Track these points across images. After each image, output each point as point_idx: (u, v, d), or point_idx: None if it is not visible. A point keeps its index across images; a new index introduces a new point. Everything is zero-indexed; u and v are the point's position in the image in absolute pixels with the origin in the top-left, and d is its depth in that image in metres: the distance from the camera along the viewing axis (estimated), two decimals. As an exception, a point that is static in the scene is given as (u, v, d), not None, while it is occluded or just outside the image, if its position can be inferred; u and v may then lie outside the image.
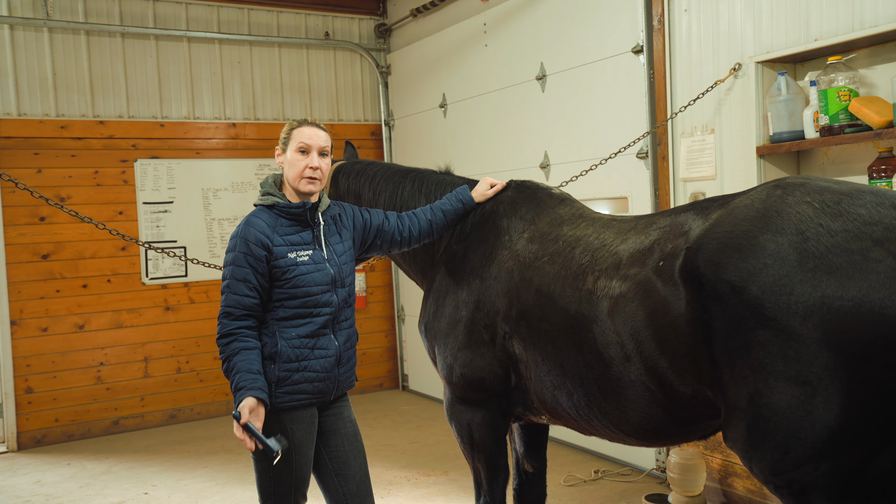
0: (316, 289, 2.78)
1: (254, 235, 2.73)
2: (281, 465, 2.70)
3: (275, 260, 2.74)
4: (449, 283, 3.16)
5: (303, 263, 2.78)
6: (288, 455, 2.72)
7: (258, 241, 2.72)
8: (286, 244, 2.78)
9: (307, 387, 2.77)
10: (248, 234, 2.74)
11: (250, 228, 2.75)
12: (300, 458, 2.78)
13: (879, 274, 1.89)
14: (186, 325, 6.84)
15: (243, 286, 2.70)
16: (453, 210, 3.23)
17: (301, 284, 2.75)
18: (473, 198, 3.24)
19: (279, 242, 2.76)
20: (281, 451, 2.59)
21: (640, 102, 4.76)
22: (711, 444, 4.35)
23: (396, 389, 7.77)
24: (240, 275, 2.70)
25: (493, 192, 3.24)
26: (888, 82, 3.45)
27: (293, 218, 2.83)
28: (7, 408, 6.14)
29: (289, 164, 2.82)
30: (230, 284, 2.71)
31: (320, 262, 2.82)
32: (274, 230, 2.78)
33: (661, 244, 2.40)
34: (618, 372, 2.46)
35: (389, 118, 7.72)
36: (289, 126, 2.88)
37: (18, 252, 6.19)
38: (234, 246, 2.75)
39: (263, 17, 7.22)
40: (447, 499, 4.63)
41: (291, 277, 2.74)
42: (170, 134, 6.79)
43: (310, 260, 2.80)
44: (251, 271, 2.70)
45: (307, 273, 2.77)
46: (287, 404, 2.74)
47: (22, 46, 6.21)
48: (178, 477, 5.28)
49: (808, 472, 1.99)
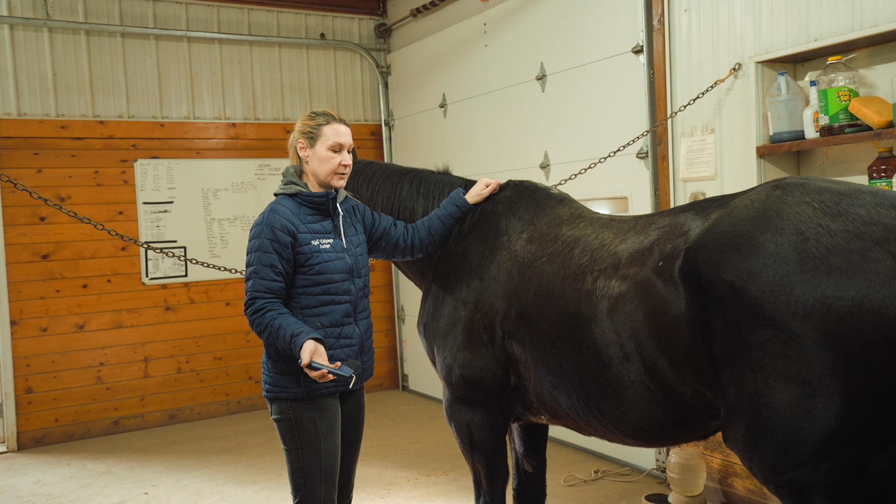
0: (337, 276, 2.86)
1: (279, 222, 2.79)
2: (309, 453, 2.81)
3: (299, 246, 2.81)
4: (448, 284, 3.15)
5: (325, 251, 2.86)
6: (316, 443, 2.82)
7: (284, 228, 2.79)
8: (309, 232, 2.85)
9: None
10: (273, 221, 2.80)
11: (275, 215, 2.81)
12: (328, 444, 2.85)
13: (879, 274, 1.89)
14: (186, 325, 6.84)
15: (270, 271, 2.76)
16: (449, 214, 3.24)
17: (324, 271, 2.83)
18: (468, 200, 3.24)
19: (303, 230, 2.84)
20: (354, 375, 2.64)
21: (639, 102, 4.76)
22: (711, 444, 4.35)
23: (396, 389, 7.77)
24: (266, 260, 2.76)
25: (488, 192, 3.25)
26: (888, 82, 3.44)
27: (316, 207, 2.90)
28: (7, 408, 6.14)
29: (319, 159, 2.89)
30: (257, 270, 2.76)
31: (340, 252, 2.90)
32: (297, 217, 2.85)
33: (661, 244, 2.40)
34: (617, 372, 2.45)
35: (389, 118, 7.72)
36: (312, 119, 2.92)
37: (18, 252, 6.19)
38: (259, 233, 2.80)
39: (263, 17, 7.22)
40: (447, 499, 4.63)
41: (315, 264, 2.82)
42: (170, 134, 6.79)
43: (331, 248, 2.88)
44: (277, 257, 2.77)
45: (329, 261, 2.85)
46: (315, 392, 2.82)
47: (22, 46, 6.21)
48: (178, 477, 5.28)
49: (807, 472, 1.99)
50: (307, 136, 2.91)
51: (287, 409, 2.85)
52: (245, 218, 7.06)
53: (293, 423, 2.84)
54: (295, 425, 2.84)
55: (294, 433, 2.84)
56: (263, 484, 5.05)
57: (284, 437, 2.88)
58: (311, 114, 2.95)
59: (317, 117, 2.92)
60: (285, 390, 2.84)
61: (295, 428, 2.84)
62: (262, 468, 5.38)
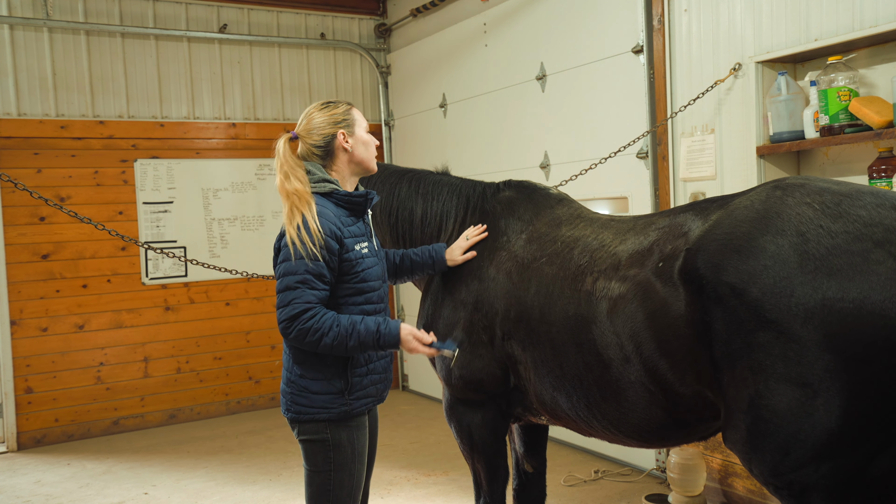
0: (376, 283, 2.66)
1: (326, 227, 2.50)
2: (342, 475, 2.59)
3: (346, 253, 2.55)
4: (447, 284, 3.15)
5: (367, 256, 2.62)
6: (351, 464, 2.61)
7: (332, 234, 2.51)
8: (352, 236, 2.60)
9: (372, 389, 2.67)
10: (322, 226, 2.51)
11: (322, 220, 2.51)
12: (360, 465, 2.65)
13: (880, 276, 1.89)
14: (186, 326, 6.84)
15: (319, 282, 2.49)
16: (421, 261, 3.10)
17: (367, 279, 2.61)
18: (445, 258, 3.10)
19: (347, 234, 2.57)
20: (457, 350, 2.61)
21: (639, 102, 4.76)
22: (711, 444, 4.35)
23: (396, 389, 7.77)
24: (315, 269, 2.47)
25: (462, 260, 3.09)
26: (888, 82, 3.44)
27: (352, 207, 2.64)
28: (7, 408, 6.14)
29: (363, 143, 2.67)
30: (306, 280, 2.46)
31: (375, 255, 2.69)
32: (339, 220, 2.57)
33: (661, 245, 2.40)
34: (617, 373, 2.45)
35: (389, 118, 7.71)
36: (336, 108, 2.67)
37: (18, 252, 6.19)
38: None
39: (263, 17, 7.22)
40: (447, 499, 4.63)
41: (360, 271, 2.58)
42: (170, 134, 6.79)
43: (370, 252, 2.65)
44: (326, 266, 2.50)
45: (371, 267, 2.63)
46: (358, 410, 2.62)
47: (22, 46, 6.20)
48: (178, 477, 5.28)
49: (808, 474, 1.99)
50: (345, 125, 2.64)
51: (324, 429, 2.59)
52: (245, 218, 7.06)
53: (330, 444, 2.58)
54: (332, 446, 2.58)
55: (329, 454, 2.59)
56: (263, 484, 5.05)
57: (315, 459, 2.60)
58: (326, 103, 2.68)
59: (338, 104, 2.67)
60: (326, 410, 2.57)
61: (331, 449, 2.59)
62: (262, 468, 5.38)
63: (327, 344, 2.46)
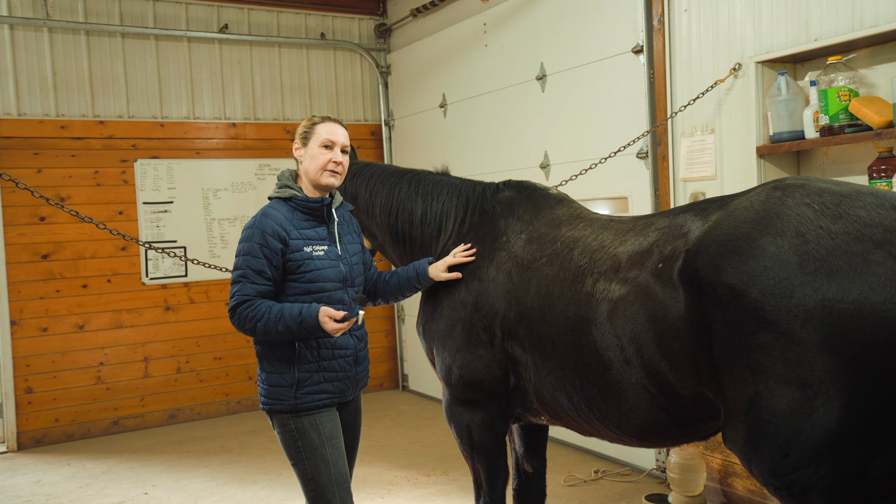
0: (329, 285, 2.81)
1: (270, 227, 2.74)
2: (316, 461, 2.76)
3: (290, 253, 2.75)
4: (447, 285, 3.15)
5: (318, 258, 2.80)
6: (321, 448, 2.77)
7: (275, 233, 2.73)
8: (302, 238, 2.79)
9: (328, 386, 2.82)
10: (264, 226, 2.74)
11: (267, 220, 2.76)
12: (332, 449, 2.80)
13: (880, 276, 1.89)
14: (186, 325, 6.84)
15: (259, 277, 2.72)
16: (406, 276, 3.17)
17: (316, 280, 2.78)
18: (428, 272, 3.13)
19: (295, 236, 2.78)
20: (363, 309, 2.74)
21: (639, 102, 4.76)
22: (711, 444, 4.35)
23: (396, 389, 7.77)
24: (255, 265, 2.72)
25: (445, 278, 3.09)
26: (888, 82, 3.44)
27: (310, 212, 2.84)
28: (7, 408, 6.14)
29: (311, 157, 2.84)
30: (245, 274, 2.72)
31: (334, 260, 2.85)
32: (290, 223, 2.79)
33: (660, 246, 2.40)
34: (618, 374, 2.45)
35: (389, 118, 7.71)
36: (309, 121, 2.90)
37: (18, 252, 6.19)
38: (249, 236, 2.76)
39: (263, 17, 7.21)
40: (447, 499, 4.63)
41: (307, 272, 2.77)
42: (170, 134, 6.79)
43: (325, 255, 2.82)
44: (266, 263, 2.72)
45: (321, 269, 2.80)
46: (309, 404, 2.79)
47: (22, 46, 6.20)
48: (178, 477, 5.28)
49: (808, 475, 1.99)
50: (301, 137, 2.88)
51: (287, 419, 2.80)
52: (245, 218, 7.05)
53: (294, 432, 2.78)
54: (297, 434, 2.78)
55: (297, 443, 2.78)
56: (263, 484, 5.05)
57: (289, 451, 2.81)
58: (311, 117, 2.94)
59: (314, 118, 2.90)
60: (279, 402, 2.79)
61: (298, 437, 2.78)
62: (262, 468, 5.38)
63: (260, 329, 2.70)
